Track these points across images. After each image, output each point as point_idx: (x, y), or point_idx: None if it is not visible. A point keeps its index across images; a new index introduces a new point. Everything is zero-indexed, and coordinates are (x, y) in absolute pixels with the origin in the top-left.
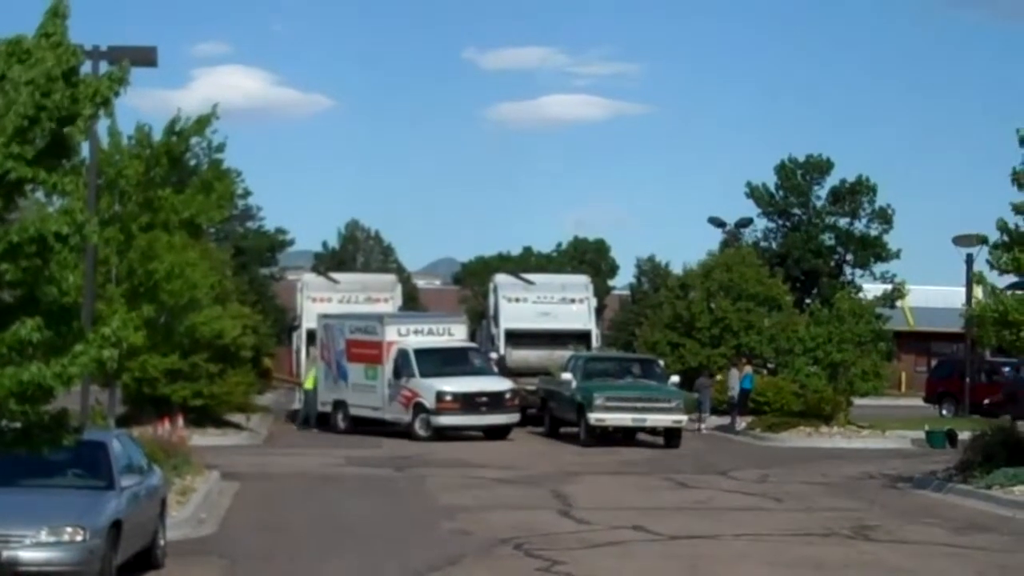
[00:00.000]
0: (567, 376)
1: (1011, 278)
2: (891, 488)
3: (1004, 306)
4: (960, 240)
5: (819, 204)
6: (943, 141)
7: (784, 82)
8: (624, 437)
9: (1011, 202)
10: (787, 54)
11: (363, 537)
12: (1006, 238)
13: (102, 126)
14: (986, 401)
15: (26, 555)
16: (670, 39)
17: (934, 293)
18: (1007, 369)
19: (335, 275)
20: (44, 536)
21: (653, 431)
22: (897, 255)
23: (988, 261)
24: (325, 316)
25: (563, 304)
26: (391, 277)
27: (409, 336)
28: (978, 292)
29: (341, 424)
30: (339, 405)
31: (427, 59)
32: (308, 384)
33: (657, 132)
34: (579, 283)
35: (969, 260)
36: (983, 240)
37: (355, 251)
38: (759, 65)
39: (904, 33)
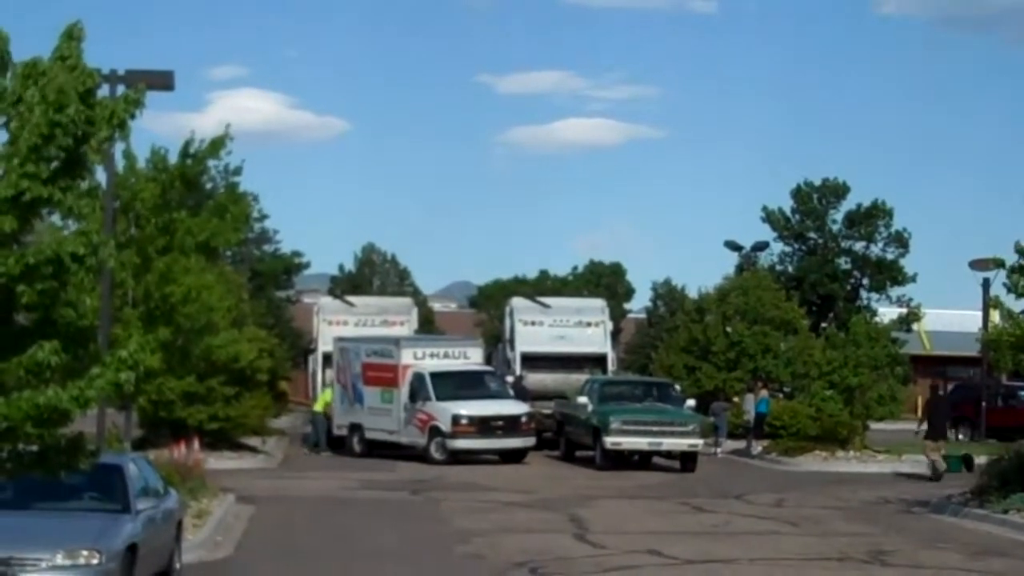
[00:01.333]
0: (583, 399)
1: None
2: (907, 513)
3: (1021, 330)
4: (977, 264)
5: (835, 228)
6: (960, 165)
7: (800, 106)
8: (640, 461)
9: None
10: (803, 78)
11: (378, 561)
12: (1023, 262)
13: (117, 149)
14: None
15: None
16: (686, 63)
17: (950, 317)
18: (1023, 393)
19: (351, 298)
20: (60, 559)
21: (669, 455)
22: (913, 279)
23: (1005, 285)
24: (341, 339)
25: (579, 327)
26: (407, 300)
27: (425, 359)
28: (995, 316)
29: (357, 447)
30: (355, 428)
31: (442, 83)
32: (318, 407)
33: (673, 156)
34: (595, 306)
35: (986, 284)
36: (1000, 264)
37: (371, 274)
38: (775, 89)
39: (919, 58)
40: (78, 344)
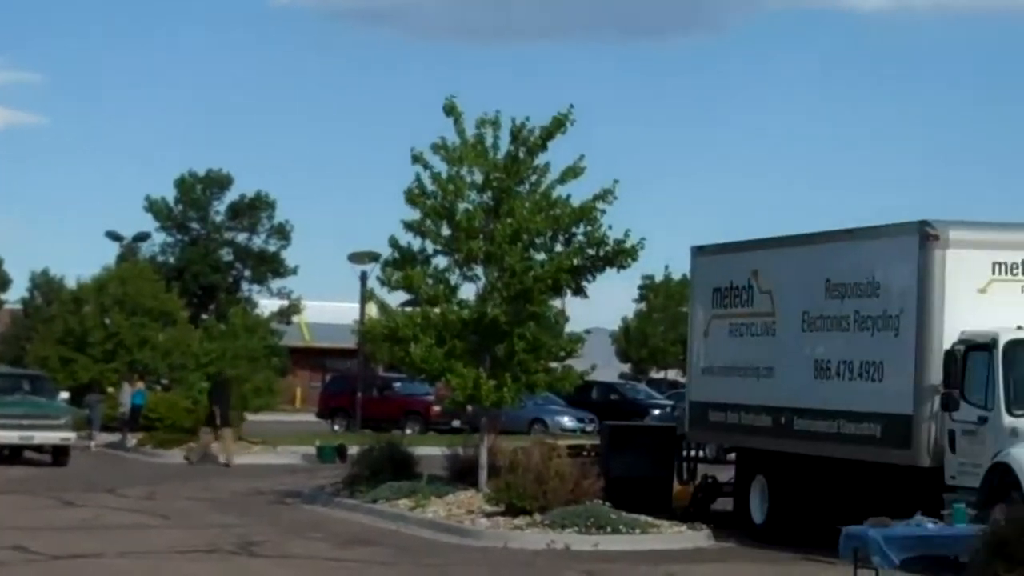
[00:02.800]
0: None
1: (405, 295)
2: (279, 503)
3: (395, 323)
4: (354, 257)
5: (218, 219)
6: (343, 159)
7: (187, 97)
8: (11, 455)
9: (402, 220)
10: (191, 68)
11: None
12: (397, 255)
13: None
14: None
15: None
16: (72, 51)
17: (330, 309)
18: (398, 384)
19: None
20: None
21: (40, 449)
22: (295, 271)
23: (379, 278)
24: None
25: None
26: None
27: None
28: (372, 309)
29: None
30: None
31: None
32: None
33: (56, 144)
34: None
35: (363, 277)
36: (375, 258)
37: None
38: (163, 79)
39: (310, 51)
40: None
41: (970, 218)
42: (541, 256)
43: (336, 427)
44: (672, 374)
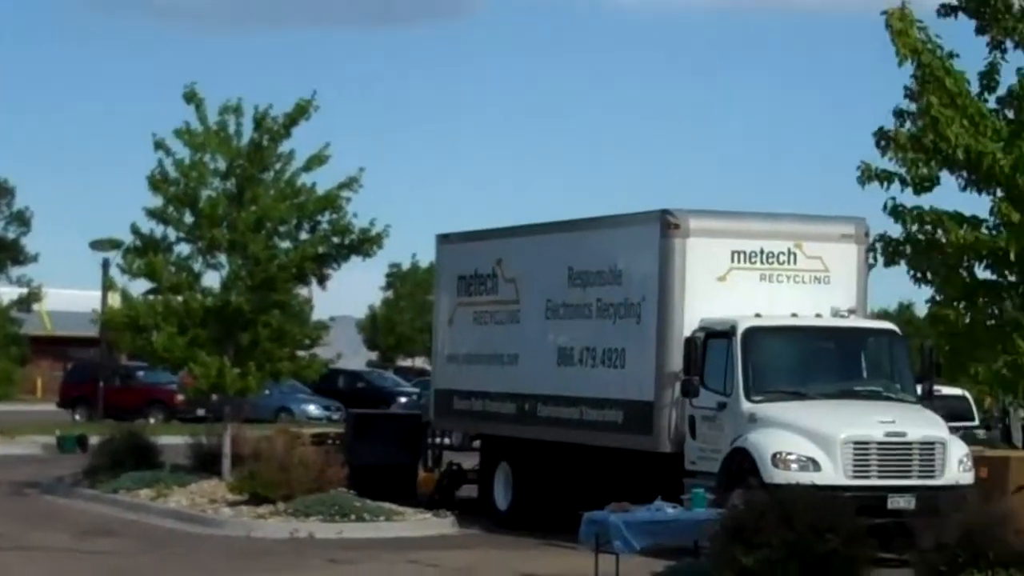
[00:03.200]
0: None
1: (148, 283)
2: (18, 494)
3: (136, 311)
4: (96, 244)
5: None
6: (86, 145)
7: None
8: None
9: (145, 207)
10: None
11: None
12: (139, 243)
13: None
14: None
15: None
16: None
17: (73, 297)
18: (141, 373)
19: None
20: None
21: None
22: (35, 259)
23: (119, 266)
24: None
25: None
26: None
27: None
28: (115, 297)
29: None
30: None
31: None
32: None
33: None
34: None
35: (105, 265)
36: (117, 245)
37: None
38: None
39: (52, 33)
40: None
41: (710, 207)
42: (286, 244)
43: (77, 417)
44: (420, 362)
